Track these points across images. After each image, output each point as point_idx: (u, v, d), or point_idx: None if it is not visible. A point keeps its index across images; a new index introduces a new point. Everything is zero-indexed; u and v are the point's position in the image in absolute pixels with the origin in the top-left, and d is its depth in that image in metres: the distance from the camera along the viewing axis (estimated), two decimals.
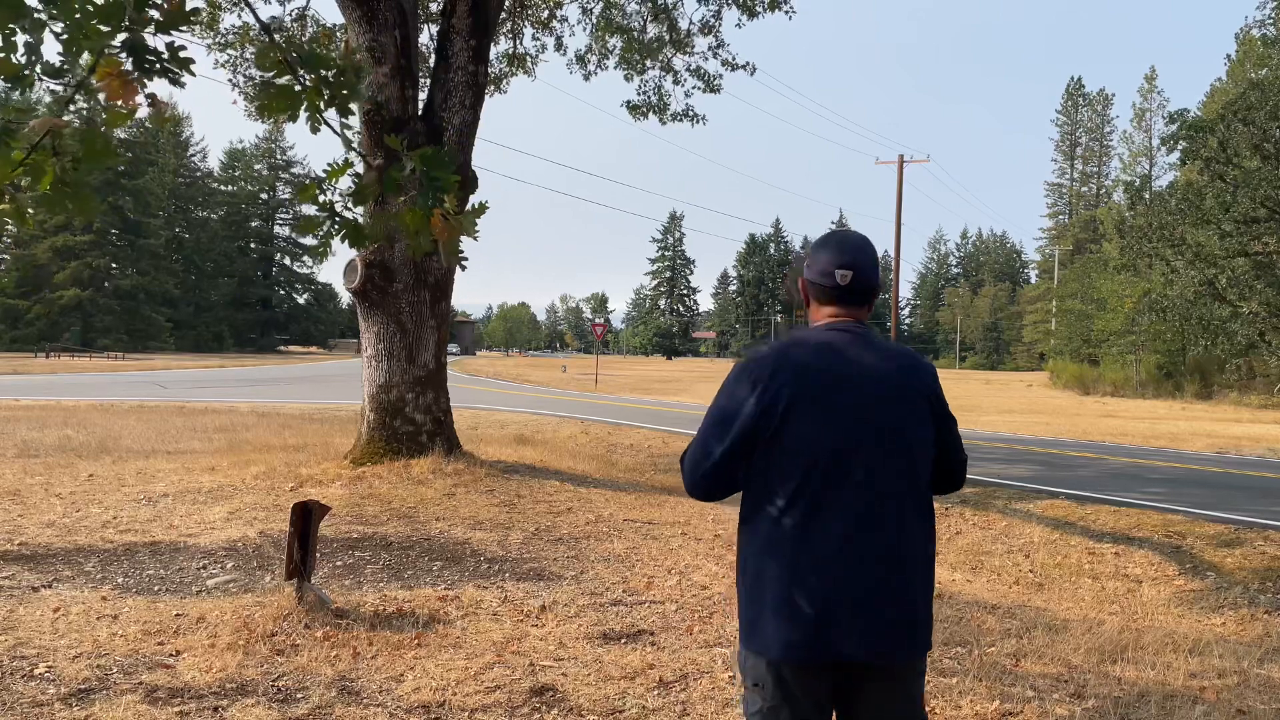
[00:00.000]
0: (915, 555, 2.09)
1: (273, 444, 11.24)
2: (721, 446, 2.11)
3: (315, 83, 3.10)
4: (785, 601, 2.03)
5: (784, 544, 2.05)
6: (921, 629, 2.09)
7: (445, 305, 9.53)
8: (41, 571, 5.44)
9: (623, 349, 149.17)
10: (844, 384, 2.08)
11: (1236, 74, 39.08)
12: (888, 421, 2.08)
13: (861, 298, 2.21)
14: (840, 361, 2.11)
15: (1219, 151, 23.42)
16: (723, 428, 2.11)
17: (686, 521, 7.76)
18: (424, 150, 3.23)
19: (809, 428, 2.05)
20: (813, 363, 2.10)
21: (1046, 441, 17.17)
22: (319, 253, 3.64)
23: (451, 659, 4.17)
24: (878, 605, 2.02)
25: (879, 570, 2.03)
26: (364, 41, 8.95)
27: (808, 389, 2.07)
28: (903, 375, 2.14)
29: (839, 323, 2.19)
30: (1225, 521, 8.74)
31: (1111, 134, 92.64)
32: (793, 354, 2.13)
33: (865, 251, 2.21)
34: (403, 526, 6.90)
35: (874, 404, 2.08)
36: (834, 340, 2.15)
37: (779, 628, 2.03)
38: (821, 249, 2.25)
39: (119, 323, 65.64)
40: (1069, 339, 51.25)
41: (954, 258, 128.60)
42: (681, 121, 14.49)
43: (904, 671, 2.09)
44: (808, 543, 2.04)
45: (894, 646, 2.04)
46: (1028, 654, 4.59)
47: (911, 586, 2.08)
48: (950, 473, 2.29)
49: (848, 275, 2.17)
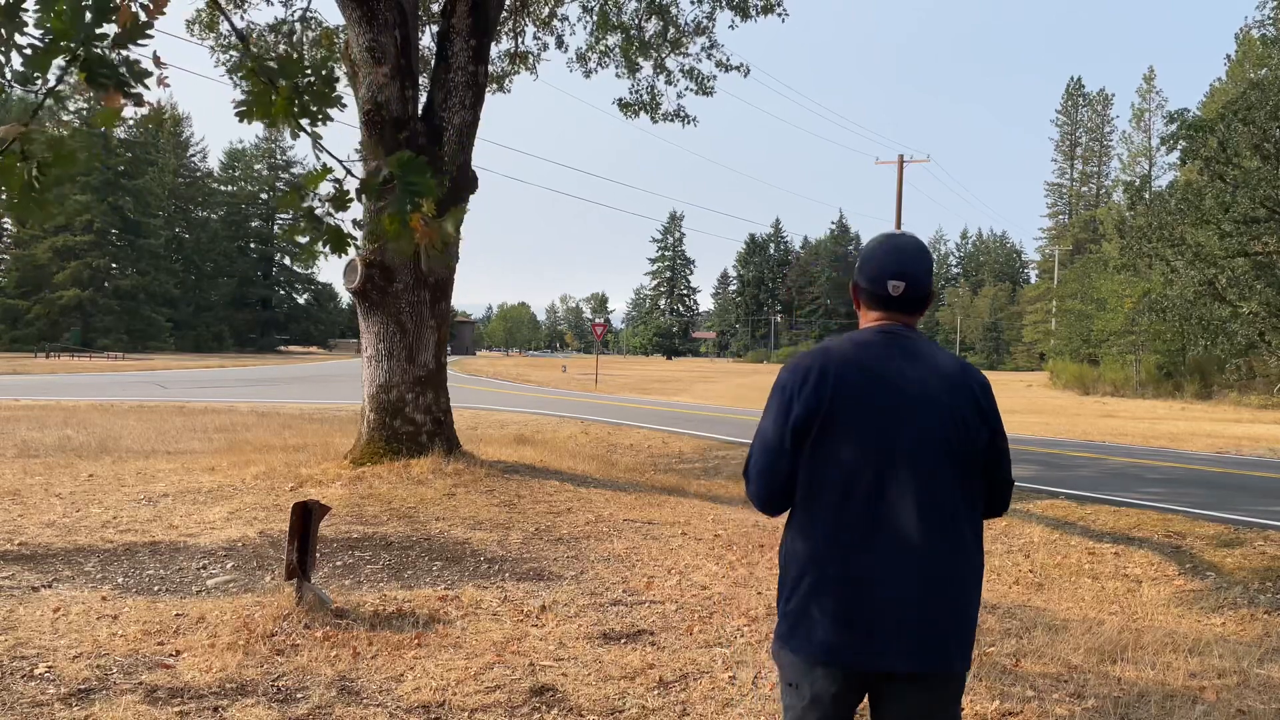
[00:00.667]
0: (961, 566, 2.05)
1: (273, 444, 11.23)
2: (778, 459, 2.10)
3: (287, 90, 3.06)
4: (827, 605, 2.02)
5: (827, 547, 2.04)
6: (965, 642, 2.06)
7: (445, 305, 9.53)
8: (41, 571, 5.44)
9: (623, 349, 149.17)
10: (887, 387, 2.05)
11: (1236, 74, 39.07)
12: (933, 429, 2.04)
13: (914, 306, 2.16)
14: (882, 366, 2.08)
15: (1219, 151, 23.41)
16: (777, 440, 2.10)
17: (686, 521, 7.76)
18: (400, 155, 3.16)
19: (852, 430, 2.03)
20: (855, 366, 2.08)
21: (1046, 441, 17.16)
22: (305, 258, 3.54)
23: (451, 659, 4.17)
24: (921, 615, 1.99)
25: (924, 580, 2.00)
26: (364, 42, 8.95)
27: (848, 394, 2.04)
28: (950, 383, 2.08)
29: (886, 325, 2.15)
30: (1225, 521, 8.74)
31: (1111, 134, 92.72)
32: (835, 356, 2.10)
33: (920, 260, 2.15)
34: (402, 526, 6.90)
35: (919, 410, 2.04)
36: (879, 343, 2.12)
37: (818, 631, 2.02)
38: (874, 254, 2.19)
39: (119, 323, 65.59)
40: (1069, 339, 51.25)
41: (954, 258, 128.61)
42: (672, 121, 14.55)
43: (944, 683, 2.06)
44: (851, 547, 2.02)
45: (936, 658, 2.01)
46: (1027, 654, 4.59)
47: (957, 598, 2.04)
48: (992, 491, 2.18)
49: (900, 286, 2.13)
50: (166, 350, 66.36)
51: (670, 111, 14.40)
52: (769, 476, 2.12)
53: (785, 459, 2.09)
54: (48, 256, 64.32)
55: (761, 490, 2.15)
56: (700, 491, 9.80)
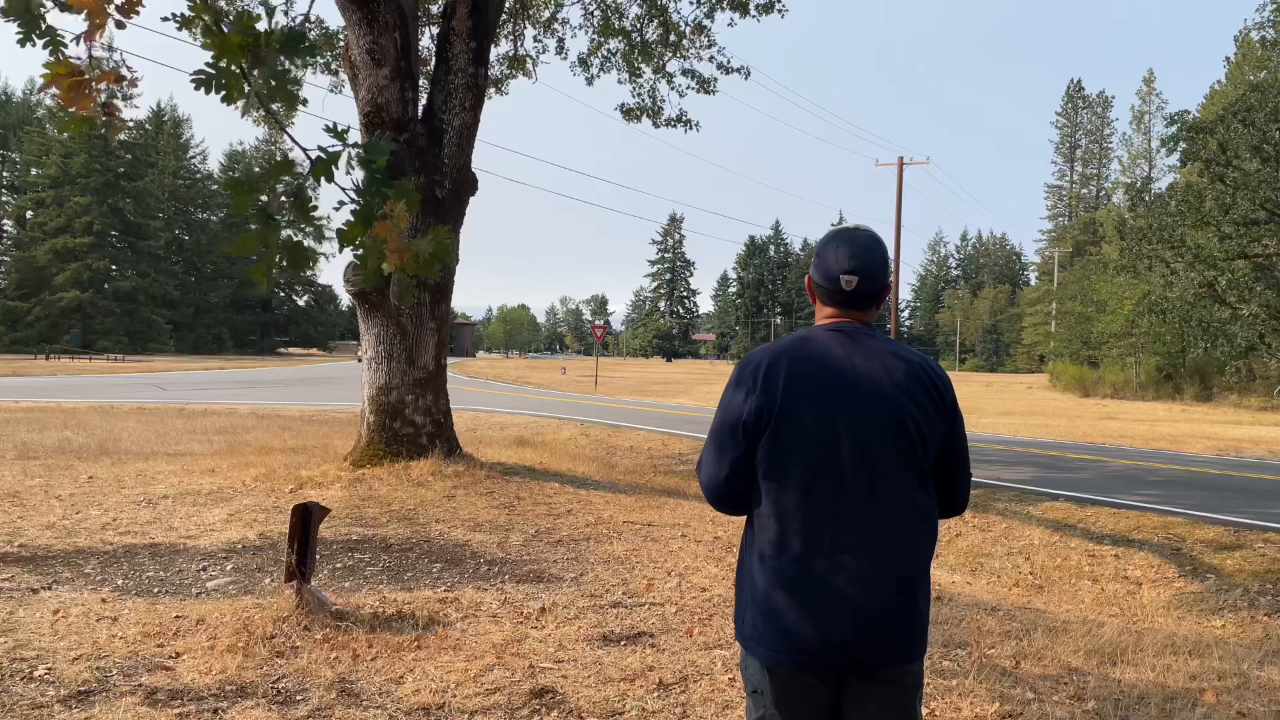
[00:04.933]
0: (911, 557, 2.05)
1: (272, 446, 11.23)
2: (731, 455, 2.09)
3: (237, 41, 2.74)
4: (777, 604, 2.02)
5: (777, 545, 2.04)
6: (918, 632, 2.06)
7: (445, 307, 9.53)
8: (41, 573, 5.43)
9: (622, 351, 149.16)
10: (840, 382, 2.04)
11: (1236, 76, 39.12)
12: (887, 423, 2.02)
13: (867, 301, 2.14)
14: (835, 361, 2.07)
15: (1219, 153, 23.45)
16: (729, 437, 2.09)
17: (686, 524, 7.75)
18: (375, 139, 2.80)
19: (805, 426, 2.02)
20: (807, 362, 2.07)
21: (1046, 444, 17.16)
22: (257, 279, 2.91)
23: (451, 661, 4.17)
24: (871, 608, 1.99)
25: (873, 573, 1.99)
26: (364, 44, 8.96)
27: (800, 389, 2.04)
28: (904, 377, 2.06)
29: (839, 323, 2.14)
30: (1225, 524, 8.74)
31: (1111, 136, 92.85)
32: (786, 354, 2.09)
33: (873, 253, 2.13)
34: (402, 528, 6.89)
35: (872, 404, 2.03)
36: (830, 340, 2.11)
37: (772, 631, 2.02)
38: (827, 249, 2.16)
39: (119, 325, 65.63)
40: (1069, 341, 51.25)
41: (954, 260, 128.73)
42: (674, 127, 14.50)
43: (899, 676, 2.06)
44: (801, 544, 2.01)
45: (889, 650, 2.01)
46: (1027, 656, 4.59)
47: (906, 589, 2.04)
48: (950, 484, 2.15)
49: (853, 281, 2.10)
50: (166, 352, 66.39)
51: (672, 117, 14.40)
52: (719, 472, 2.12)
53: (737, 454, 2.09)
54: (48, 258, 64.36)
55: (711, 479, 2.14)
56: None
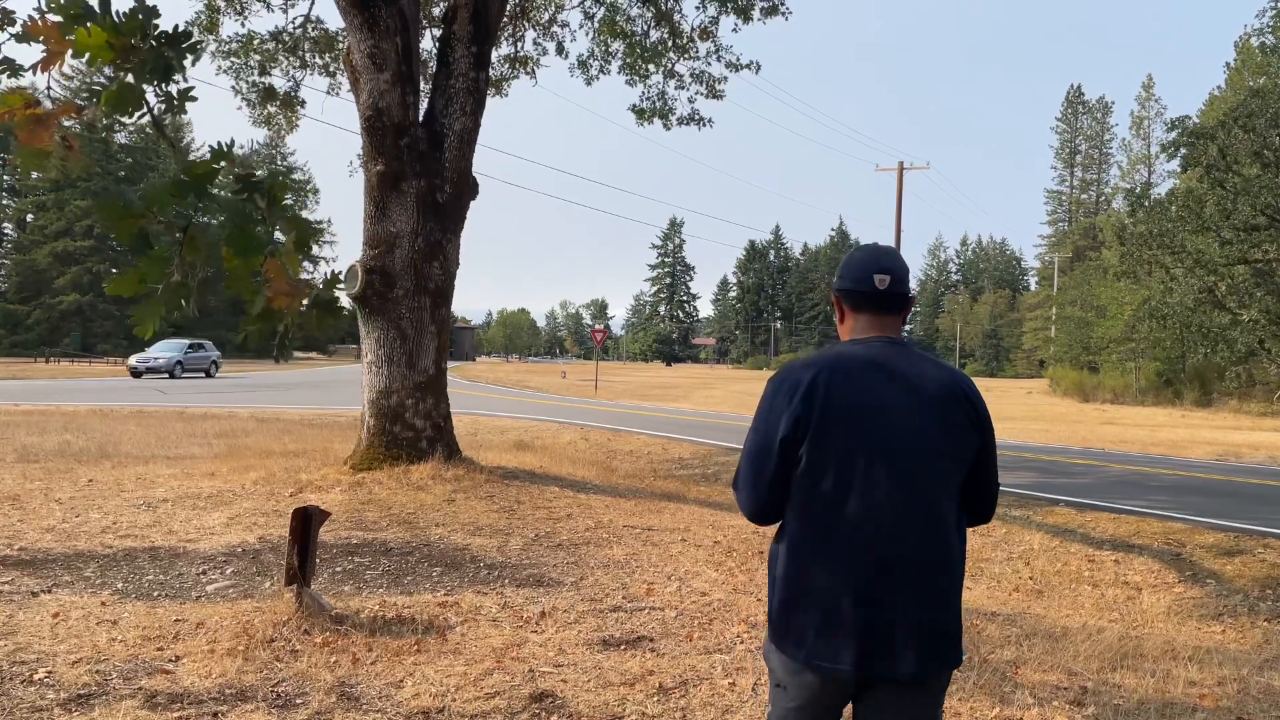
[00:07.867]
0: (945, 569, 2.08)
1: (272, 449, 11.23)
2: (770, 475, 2.11)
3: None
4: (817, 611, 2.05)
5: (814, 552, 2.07)
6: (951, 644, 2.08)
7: (445, 311, 9.53)
8: (41, 577, 5.43)
9: (622, 355, 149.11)
10: (877, 396, 2.07)
11: (1236, 82, 39.16)
12: (923, 437, 2.06)
13: (898, 303, 2.19)
14: (871, 373, 2.10)
15: (1219, 159, 23.47)
16: (766, 456, 2.11)
17: (686, 528, 7.75)
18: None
19: (842, 439, 2.05)
20: (845, 374, 2.09)
21: (1046, 449, 17.16)
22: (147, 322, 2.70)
23: (451, 665, 4.17)
24: (904, 618, 2.01)
25: (914, 586, 2.03)
26: (366, 48, 8.97)
27: (837, 402, 2.06)
28: (940, 391, 2.10)
29: (874, 337, 2.18)
30: (1225, 529, 8.74)
31: (1111, 141, 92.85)
32: (823, 366, 2.12)
33: (898, 259, 2.22)
34: (402, 532, 6.89)
35: (909, 418, 2.06)
36: (868, 353, 2.14)
37: (809, 636, 2.05)
38: (854, 257, 2.24)
39: (119, 328, 65.54)
40: (1069, 346, 51.25)
41: (954, 264, 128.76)
42: (688, 125, 14.44)
43: (929, 685, 2.09)
44: (837, 553, 2.04)
45: (921, 660, 2.03)
46: (1028, 661, 4.59)
47: (947, 599, 2.07)
48: (980, 494, 2.19)
49: (885, 279, 2.16)
50: None
51: (685, 115, 14.37)
52: (758, 487, 2.14)
53: (774, 468, 2.11)
54: (48, 261, 64.38)
55: (751, 500, 2.17)
56: (700, 498, 9.80)
